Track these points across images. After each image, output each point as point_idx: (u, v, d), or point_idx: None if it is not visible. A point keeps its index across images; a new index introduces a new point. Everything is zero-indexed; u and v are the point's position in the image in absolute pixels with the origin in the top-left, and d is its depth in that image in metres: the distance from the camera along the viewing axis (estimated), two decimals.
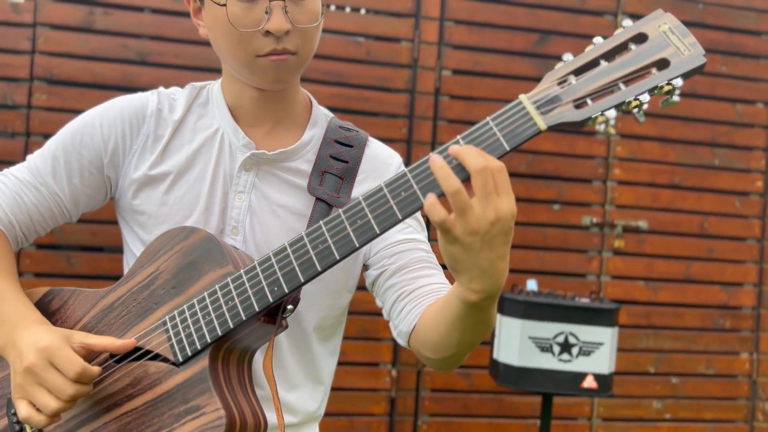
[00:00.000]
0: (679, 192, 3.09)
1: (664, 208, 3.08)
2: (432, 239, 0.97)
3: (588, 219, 3.01)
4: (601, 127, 0.80)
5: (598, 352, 2.15)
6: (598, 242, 3.02)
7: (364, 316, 2.83)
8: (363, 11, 2.86)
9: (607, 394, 2.22)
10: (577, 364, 2.13)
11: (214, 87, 1.09)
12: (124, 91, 2.66)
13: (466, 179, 0.77)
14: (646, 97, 0.79)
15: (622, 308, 3.02)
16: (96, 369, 0.88)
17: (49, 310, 1.01)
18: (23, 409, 0.88)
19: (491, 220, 0.75)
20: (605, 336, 2.15)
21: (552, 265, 2.98)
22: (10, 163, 2.64)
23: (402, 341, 1.02)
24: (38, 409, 0.88)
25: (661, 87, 0.79)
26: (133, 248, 1.06)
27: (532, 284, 2.41)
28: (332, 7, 2.81)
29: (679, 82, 0.78)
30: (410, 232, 1.05)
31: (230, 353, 0.92)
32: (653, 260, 3.07)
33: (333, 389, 3.08)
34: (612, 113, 0.79)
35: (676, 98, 0.80)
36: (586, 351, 2.15)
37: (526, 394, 2.94)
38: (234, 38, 0.95)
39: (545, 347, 2.14)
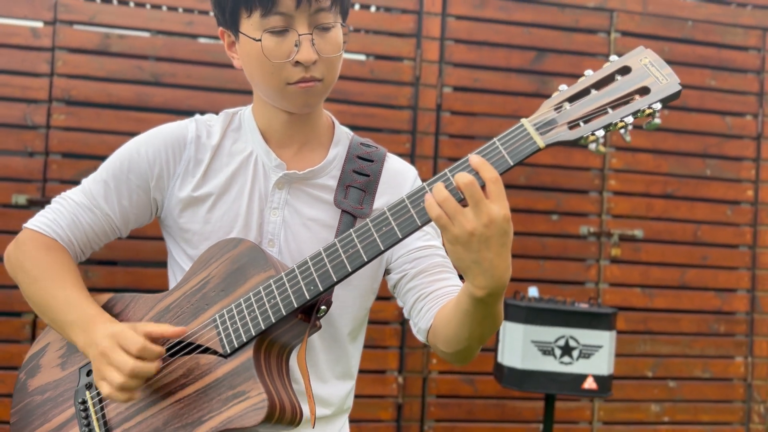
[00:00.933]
0: (672, 201, 3.20)
1: (659, 217, 3.19)
2: None
3: (585, 228, 3.12)
4: (592, 146, 0.92)
5: (598, 354, 2.25)
6: (595, 251, 3.13)
7: (371, 326, 2.90)
8: (367, 32, 2.98)
9: (607, 394, 2.32)
10: (578, 366, 2.24)
11: (245, 112, 1.20)
12: (139, 110, 2.80)
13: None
14: (630, 119, 0.92)
15: (620, 314, 3.12)
16: (159, 348, 0.99)
17: (113, 313, 1.12)
18: (104, 387, 0.99)
19: (485, 223, 0.87)
20: (604, 339, 2.25)
21: (551, 274, 3.09)
22: (31, 181, 2.77)
23: (421, 337, 1.13)
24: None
25: (643, 111, 0.91)
26: (180, 261, 1.17)
27: (533, 291, 2.52)
28: None
29: (658, 106, 0.91)
30: (428, 239, 1.16)
31: (271, 347, 1.03)
32: (649, 268, 3.18)
33: None
34: (601, 133, 0.91)
35: (657, 120, 0.92)
36: (586, 354, 2.25)
37: (528, 399, 3.03)
38: (267, 68, 1.06)
39: (547, 350, 2.24)
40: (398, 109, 2.99)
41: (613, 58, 0.95)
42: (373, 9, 3.01)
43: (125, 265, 2.79)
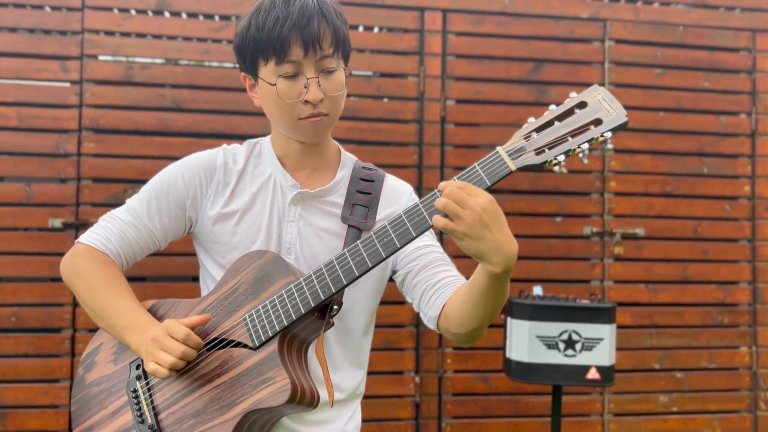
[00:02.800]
0: (672, 200, 3.34)
1: (659, 216, 3.33)
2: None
3: (588, 229, 3.26)
4: (556, 168, 1.09)
5: (599, 346, 2.39)
6: (599, 250, 3.27)
7: (388, 329, 3.09)
8: (372, 52, 3.16)
9: (610, 383, 2.46)
10: (581, 358, 2.38)
11: (265, 141, 1.39)
12: (162, 135, 3.00)
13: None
14: (585, 146, 1.10)
15: (626, 309, 3.26)
16: (198, 338, 1.19)
17: (157, 316, 1.31)
18: (151, 366, 1.18)
19: (479, 211, 1.05)
20: (605, 332, 2.39)
21: (557, 273, 3.23)
22: (65, 205, 2.97)
23: (431, 325, 1.30)
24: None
25: (597, 138, 1.09)
26: (211, 270, 1.35)
27: (537, 290, 2.67)
28: None
29: (608, 134, 1.09)
30: (426, 240, 1.34)
31: (293, 341, 1.21)
32: (652, 264, 3.31)
33: (363, 397, 3.40)
34: (562, 157, 1.10)
35: (609, 146, 1.10)
36: (588, 346, 2.40)
37: (540, 394, 3.17)
38: (281, 107, 1.25)
39: (551, 344, 2.39)
40: (405, 123, 3.16)
41: (573, 94, 1.13)
42: (377, 30, 3.19)
43: (154, 280, 2.98)
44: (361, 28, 3.17)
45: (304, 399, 1.15)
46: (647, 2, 3.38)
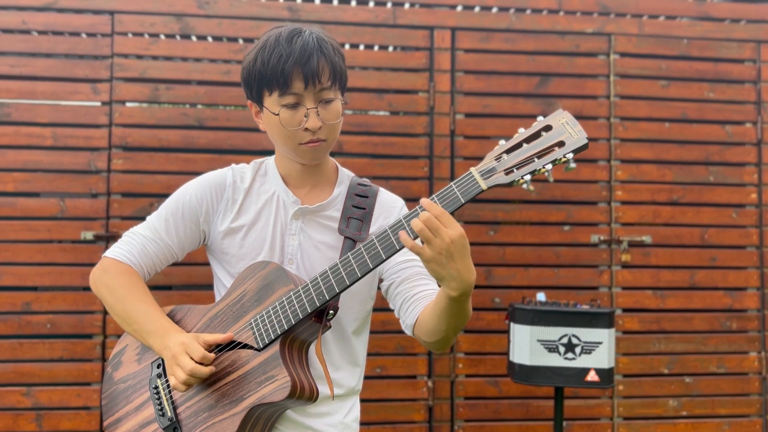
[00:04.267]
0: (678, 208, 3.42)
1: (666, 223, 3.41)
2: None
3: (596, 237, 3.35)
4: (524, 186, 1.20)
5: (598, 350, 2.49)
6: (606, 257, 3.36)
7: (400, 335, 3.22)
8: (384, 70, 3.31)
9: (609, 385, 2.55)
10: (581, 361, 2.49)
11: (269, 161, 1.54)
12: (186, 152, 3.18)
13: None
14: (549, 166, 1.21)
15: (634, 315, 3.34)
16: (211, 356, 1.34)
17: (175, 320, 1.48)
18: (172, 380, 1.34)
19: (447, 242, 1.18)
20: (603, 336, 2.49)
21: (566, 281, 3.33)
22: (96, 219, 3.16)
23: (408, 332, 1.45)
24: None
25: (560, 159, 1.20)
26: (222, 278, 1.50)
27: (541, 296, 2.78)
28: (357, 69, 3.27)
29: (570, 155, 1.20)
30: (410, 254, 1.48)
31: (293, 343, 1.35)
32: (659, 271, 3.39)
33: (377, 401, 3.54)
34: (528, 177, 1.22)
35: (573, 165, 1.21)
36: (587, 350, 2.50)
37: (550, 398, 3.27)
38: (283, 134, 1.40)
39: (552, 348, 2.50)
40: (415, 137, 3.30)
41: (540, 118, 1.25)
42: (390, 49, 3.34)
43: (179, 289, 3.15)
44: (376, 47, 3.32)
45: (303, 394, 1.30)
46: (652, 16, 3.48)
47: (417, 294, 1.43)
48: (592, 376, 2.49)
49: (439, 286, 1.29)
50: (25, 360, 3.04)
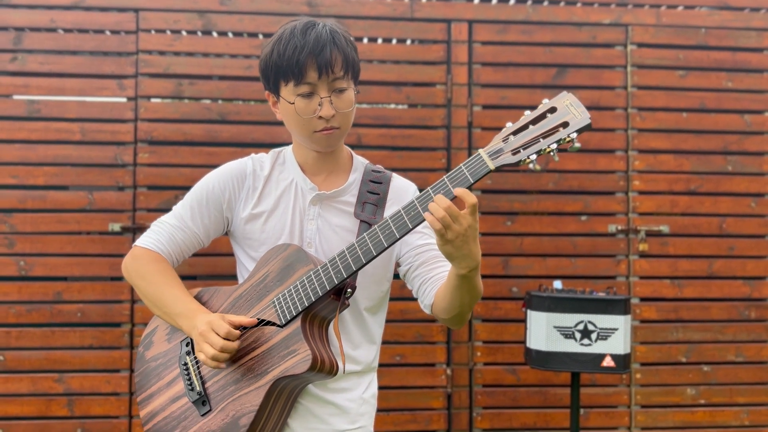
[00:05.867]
0: (696, 197, 3.43)
1: (684, 213, 3.42)
2: None
3: (613, 227, 3.38)
4: (531, 166, 1.26)
5: (614, 336, 2.53)
6: (624, 247, 3.38)
7: (419, 323, 3.27)
8: (402, 63, 3.36)
9: (626, 371, 2.59)
10: (597, 347, 2.52)
11: (287, 151, 1.61)
12: (209, 146, 3.27)
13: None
14: (554, 146, 1.26)
15: (652, 304, 3.36)
16: (236, 332, 1.41)
17: (202, 301, 1.55)
18: (201, 356, 1.41)
19: (465, 227, 1.27)
20: (619, 323, 2.53)
21: (583, 270, 3.36)
22: (123, 211, 3.26)
23: (427, 311, 1.53)
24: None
25: (565, 138, 1.25)
26: (245, 262, 1.58)
27: (557, 284, 2.82)
28: (375, 62, 3.32)
29: (574, 135, 1.25)
30: (426, 239, 1.55)
31: (314, 319, 1.43)
32: (677, 260, 3.40)
33: (397, 388, 3.60)
34: (534, 156, 1.27)
35: (577, 144, 1.25)
36: (603, 336, 2.53)
37: (567, 387, 3.30)
38: (299, 122, 1.47)
39: (568, 334, 2.54)
40: (433, 129, 3.35)
41: (545, 101, 1.30)
42: (408, 42, 3.39)
43: (204, 278, 3.24)
44: (394, 41, 3.37)
45: (324, 368, 1.37)
46: (670, 6, 3.48)
47: (434, 276, 1.51)
48: (607, 362, 2.53)
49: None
50: (56, 348, 3.15)
